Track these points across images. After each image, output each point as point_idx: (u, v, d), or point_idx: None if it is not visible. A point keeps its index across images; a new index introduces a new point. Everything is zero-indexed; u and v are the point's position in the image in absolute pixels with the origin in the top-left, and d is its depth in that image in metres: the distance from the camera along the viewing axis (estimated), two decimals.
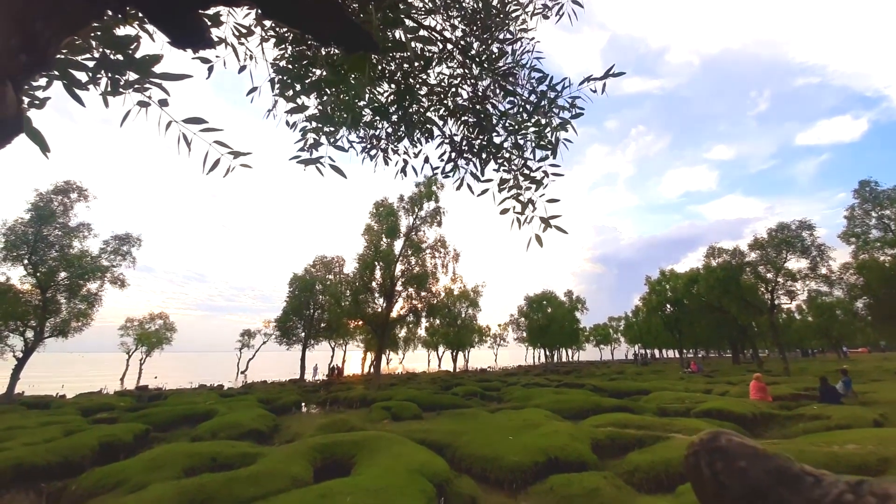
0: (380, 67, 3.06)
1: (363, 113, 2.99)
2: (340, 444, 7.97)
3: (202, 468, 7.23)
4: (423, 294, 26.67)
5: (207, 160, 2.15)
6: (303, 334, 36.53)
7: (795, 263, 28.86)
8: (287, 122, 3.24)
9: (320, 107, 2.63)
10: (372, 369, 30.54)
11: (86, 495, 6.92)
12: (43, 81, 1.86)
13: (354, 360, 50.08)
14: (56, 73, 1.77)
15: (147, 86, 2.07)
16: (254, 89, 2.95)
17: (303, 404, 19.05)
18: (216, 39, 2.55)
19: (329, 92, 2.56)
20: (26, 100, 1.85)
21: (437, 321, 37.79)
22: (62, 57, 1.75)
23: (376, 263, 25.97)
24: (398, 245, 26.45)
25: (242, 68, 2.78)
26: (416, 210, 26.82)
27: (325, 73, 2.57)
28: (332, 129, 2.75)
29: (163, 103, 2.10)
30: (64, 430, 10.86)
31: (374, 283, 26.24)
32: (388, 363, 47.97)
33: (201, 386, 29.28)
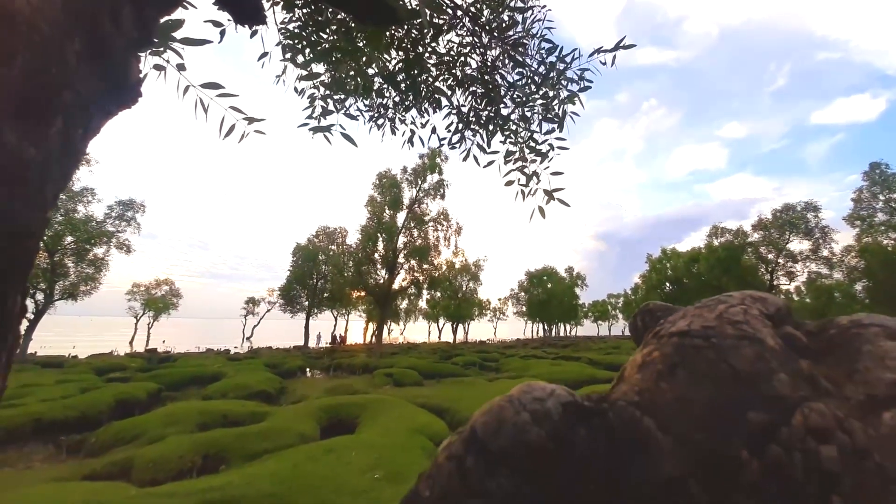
0: (388, 34, 3.05)
1: (374, 81, 3.02)
2: (345, 405, 8.35)
3: (214, 424, 7.64)
4: (424, 267, 26.93)
5: (224, 125, 2.22)
6: (306, 303, 37.19)
7: (798, 245, 28.86)
8: (295, 89, 3.26)
9: (332, 73, 2.66)
10: (374, 339, 31.26)
11: (105, 447, 7.36)
12: None
13: (356, 329, 51.14)
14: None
15: (162, 49, 2.11)
16: (265, 54, 2.96)
17: (307, 369, 19.69)
18: None
19: (341, 59, 2.59)
20: None
21: (439, 294, 38.28)
22: None
23: (379, 235, 26.10)
24: (401, 217, 26.49)
25: (254, 33, 2.79)
26: (420, 182, 26.67)
27: (336, 40, 2.58)
28: (342, 96, 2.78)
29: (181, 67, 2.15)
30: (79, 388, 11.35)
31: (376, 255, 26.47)
32: (388, 334, 49.04)
33: (208, 350, 30.16)
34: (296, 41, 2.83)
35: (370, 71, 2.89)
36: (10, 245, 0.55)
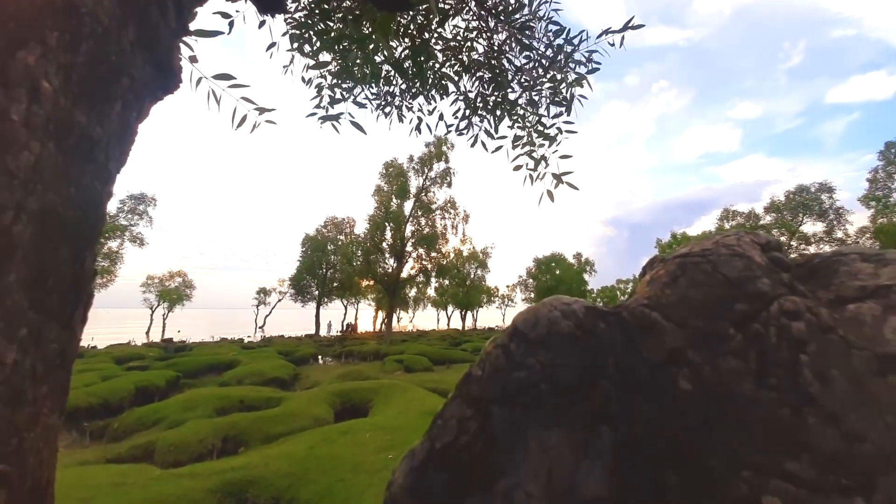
0: (395, 21, 3.05)
1: (382, 68, 3.03)
2: (358, 390, 8.55)
3: (232, 409, 7.89)
4: (432, 255, 27.03)
5: (235, 116, 2.27)
6: (316, 293, 37.65)
7: (811, 227, 28.35)
8: (303, 79, 3.29)
9: (340, 62, 2.68)
10: (383, 327, 31.65)
11: (128, 431, 7.66)
12: None
13: (366, 318, 51.73)
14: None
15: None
16: (273, 44, 2.99)
17: (319, 357, 20.07)
18: None
19: (349, 47, 2.61)
20: None
21: (447, 282, 38.45)
22: None
23: (386, 224, 26.19)
24: (408, 206, 26.52)
25: (262, 23, 2.81)
26: (426, 170, 26.60)
27: (344, 28, 2.60)
28: (351, 85, 2.81)
29: (193, 59, 2.20)
30: (101, 376, 11.75)
31: (384, 244, 26.62)
32: (398, 322, 49.54)
33: (222, 339, 30.82)
34: (303, 30, 2.85)
35: (377, 58, 2.90)
36: (85, 213, 0.62)
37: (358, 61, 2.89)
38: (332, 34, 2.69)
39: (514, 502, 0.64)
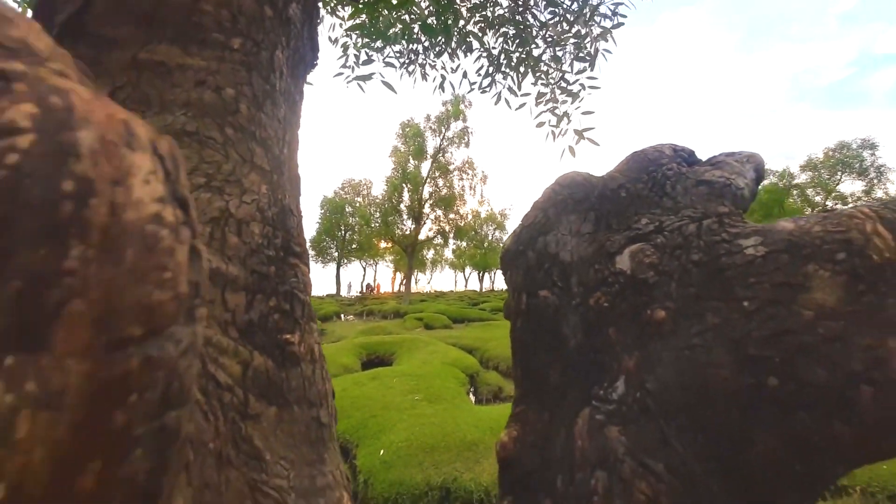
0: None
1: (412, 28, 3.09)
2: (382, 343, 9.09)
3: None
4: (450, 216, 27.09)
5: None
6: (336, 254, 38.65)
7: (850, 186, 26.93)
8: (329, 38, 3.37)
9: (370, 21, 2.76)
10: (402, 287, 32.50)
11: None
12: None
13: (384, 279, 52.93)
14: None
15: None
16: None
17: (342, 315, 21.00)
18: None
19: (378, 6, 2.67)
20: None
21: (464, 244, 38.68)
22: None
23: (404, 185, 26.18)
24: (425, 167, 26.30)
25: None
26: (444, 130, 26.07)
27: None
28: (381, 45, 2.89)
29: None
30: None
31: (402, 206, 26.75)
32: (416, 283, 50.51)
33: None
34: None
35: (406, 17, 2.95)
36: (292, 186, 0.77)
37: (388, 20, 2.95)
38: None
39: None
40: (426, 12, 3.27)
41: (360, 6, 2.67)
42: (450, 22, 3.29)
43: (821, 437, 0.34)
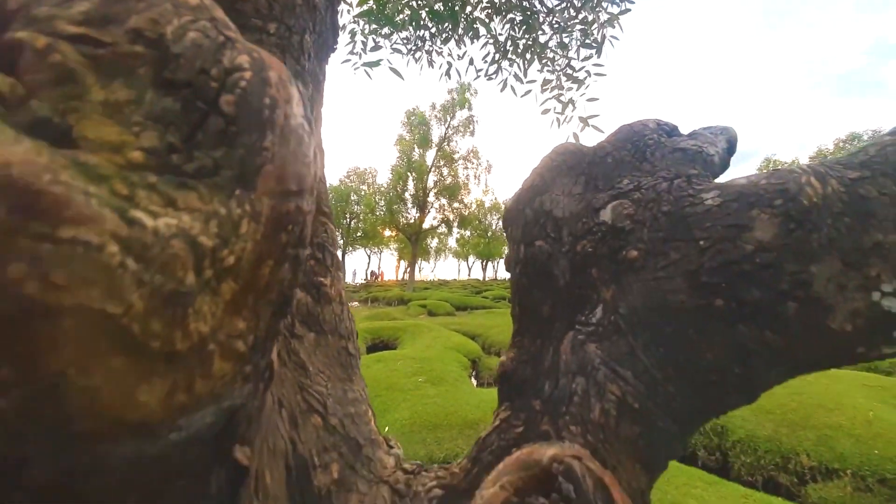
0: None
1: (420, 14, 3.12)
2: (386, 328, 9.26)
3: None
4: (454, 205, 27.11)
5: None
6: (341, 241, 38.96)
7: None
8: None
9: (380, 7, 2.80)
10: (406, 275, 32.73)
11: None
12: None
13: (388, 266, 53.24)
14: None
15: None
16: None
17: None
18: None
19: None
20: None
21: (468, 233, 38.74)
22: None
23: (409, 174, 26.16)
24: (430, 155, 26.23)
25: None
26: (449, 119, 25.92)
27: None
28: (389, 31, 2.94)
29: None
30: None
31: (407, 194, 26.77)
32: (419, 271, 50.78)
33: None
34: None
35: (413, 3, 2.99)
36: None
37: (396, 6, 2.99)
38: None
39: None
40: None
41: None
42: (457, 8, 3.33)
43: (756, 344, 0.42)
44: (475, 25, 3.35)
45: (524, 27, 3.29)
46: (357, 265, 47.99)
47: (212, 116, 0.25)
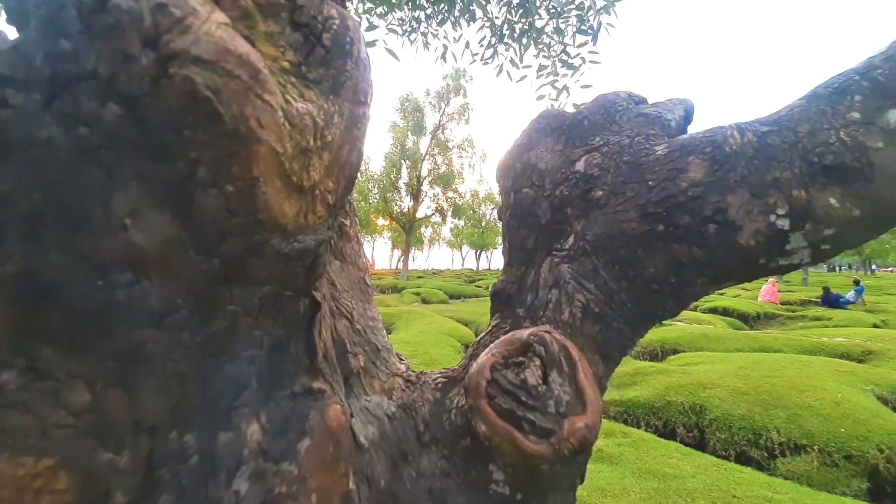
0: None
1: None
2: (381, 314, 9.39)
3: None
4: (448, 194, 27.12)
5: None
6: None
7: None
8: None
9: None
10: (399, 264, 32.81)
11: None
12: None
13: (381, 256, 53.21)
14: None
15: None
16: None
17: None
18: None
19: None
20: None
21: (462, 222, 38.82)
22: None
23: (403, 162, 26.06)
24: (424, 143, 26.12)
25: None
26: (444, 106, 25.76)
27: None
28: (384, 11, 3.00)
29: None
30: None
31: (400, 182, 26.69)
32: (413, 261, 50.92)
33: None
34: None
35: None
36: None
37: None
38: None
39: None
40: None
41: None
42: None
43: (686, 259, 0.56)
44: (471, 7, 3.41)
45: (521, 10, 3.36)
46: None
47: (317, 46, 0.38)
